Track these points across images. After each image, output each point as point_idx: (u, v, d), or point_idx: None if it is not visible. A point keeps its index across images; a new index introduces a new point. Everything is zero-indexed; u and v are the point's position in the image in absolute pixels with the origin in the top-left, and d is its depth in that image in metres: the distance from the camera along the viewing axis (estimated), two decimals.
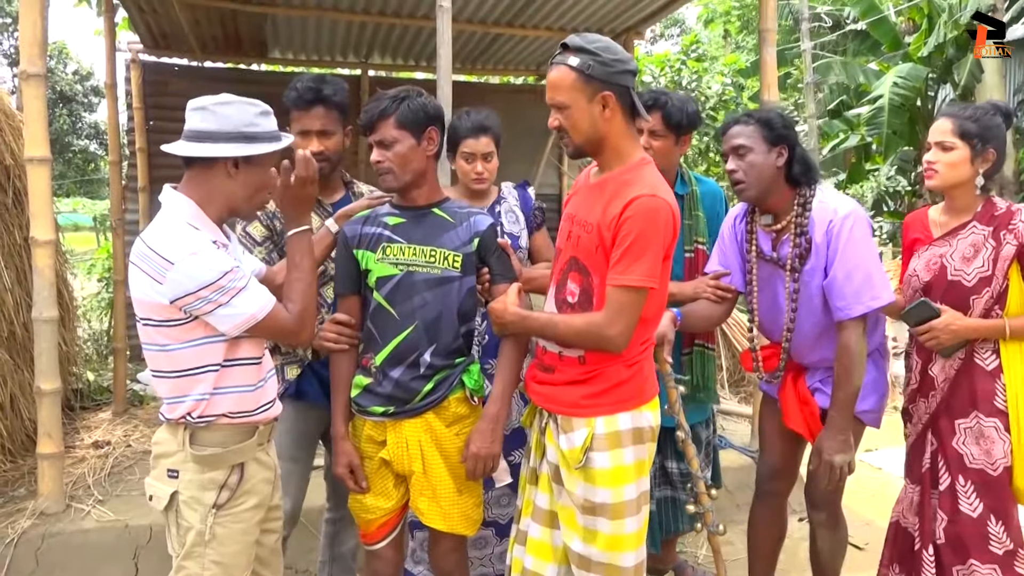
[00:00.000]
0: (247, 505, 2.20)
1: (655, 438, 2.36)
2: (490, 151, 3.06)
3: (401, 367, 2.47)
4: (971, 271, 2.71)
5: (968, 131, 2.71)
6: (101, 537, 3.64)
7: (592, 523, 2.25)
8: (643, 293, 2.16)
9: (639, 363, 2.30)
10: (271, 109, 2.22)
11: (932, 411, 2.80)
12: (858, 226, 2.69)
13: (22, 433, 4.64)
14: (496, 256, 2.60)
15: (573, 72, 2.17)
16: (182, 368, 2.11)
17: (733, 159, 2.78)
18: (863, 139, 13.96)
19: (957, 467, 2.73)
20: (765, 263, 2.90)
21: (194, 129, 2.11)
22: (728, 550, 3.77)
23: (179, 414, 2.13)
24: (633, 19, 6.37)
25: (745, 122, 2.79)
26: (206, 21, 6.20)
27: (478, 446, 2.47)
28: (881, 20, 13.93)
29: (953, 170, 2.74)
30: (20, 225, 4.67)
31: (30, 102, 3.64)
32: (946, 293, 2.76)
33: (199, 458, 2.13)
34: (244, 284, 2.07)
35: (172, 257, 2.00)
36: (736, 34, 22.69)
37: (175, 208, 2.12)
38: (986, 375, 2.72)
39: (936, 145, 2.77)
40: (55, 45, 30.57)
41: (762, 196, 2.79)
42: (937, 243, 2.82)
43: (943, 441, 2.78)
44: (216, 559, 2.15)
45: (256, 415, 2.22)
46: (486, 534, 3.26)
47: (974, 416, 2.72)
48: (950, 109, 2.81)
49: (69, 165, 32.28)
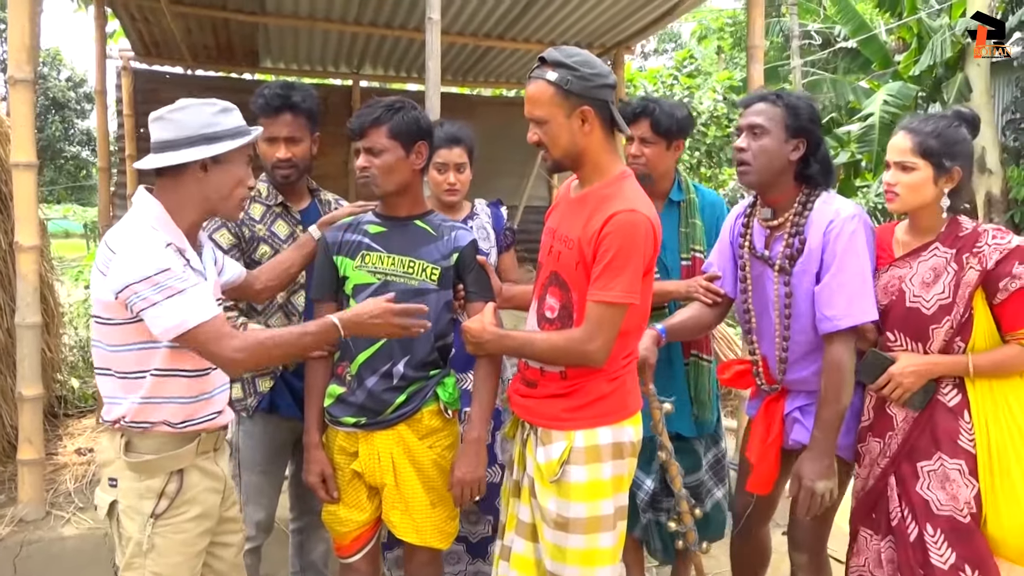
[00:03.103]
0: (188, 515, 2.12)
1: (636, 453, 2.34)
2: (463, 162, 3.06)
3: (375, 376, 2.46)
4: (930, 297, 2.42)
5: (930, 149, 2.41)
6: (80, 544, 3.63)
7: (562, 539, 2.23)
8: (623, 309, 2.15)
9: (621, 377, 2.29)
10: (232, 105, 2.18)
11: (893, 455, 2.50)
12: (860, 232, 2.47)
13: (3, 439, 4.62)
14: (474, 273, 2.57)
15: (551, 87, 2.15)
16: (122, 369, 2.08)
17: (746, 136, 2.56)
18: (853, 156, 14.03)
19: (924, 515, 2.41)
20: (756, 260, 2.70)
21: (156, 140, 2.09)
22: (711, 563, 3.76)
23: (115, 416, 2.09)
24: (624, 34, 6.42)
25: (772, 102, 2.55)
26: (198, 30, 6.21)
27: (463, 471, 2.45)
28: (871, 38, 14.05)
29: (914, 192, 2.44)
30: (5, 230, 4.66)
31: (17, 107, 3.65)
32: (904, 321, 2.47)
33: (134, 465, 2.08)
34: (183, 287, 1.96)
35: (117, 248, 1.99)
36: (729, 50, 22.80)
37: (140, 209, 2.10)
38: (948, 413, 2.43)
39: (895, 165, 2.48)
40: (48, 52, 30.54)
41: (763, 186, 2.60)
42: (897, 264, 2.53)
43: (906, 487, 2.46)
44: (156, 570, 2.08)
45: (195, 424, 2.15)
46: (458, 549, 3.23)
47: (937, 458, 2.41)
48: (909, 123, 2.49)
49: (61, 172, 32.20)
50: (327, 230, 2.61)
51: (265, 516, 2.87)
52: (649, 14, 5.95)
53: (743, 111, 2.63)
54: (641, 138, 3.05)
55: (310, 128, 2.84)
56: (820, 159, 2.56)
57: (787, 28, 14.67)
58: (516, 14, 5.85)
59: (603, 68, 2.20)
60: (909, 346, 2.48)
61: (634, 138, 3.05)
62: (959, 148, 2.44)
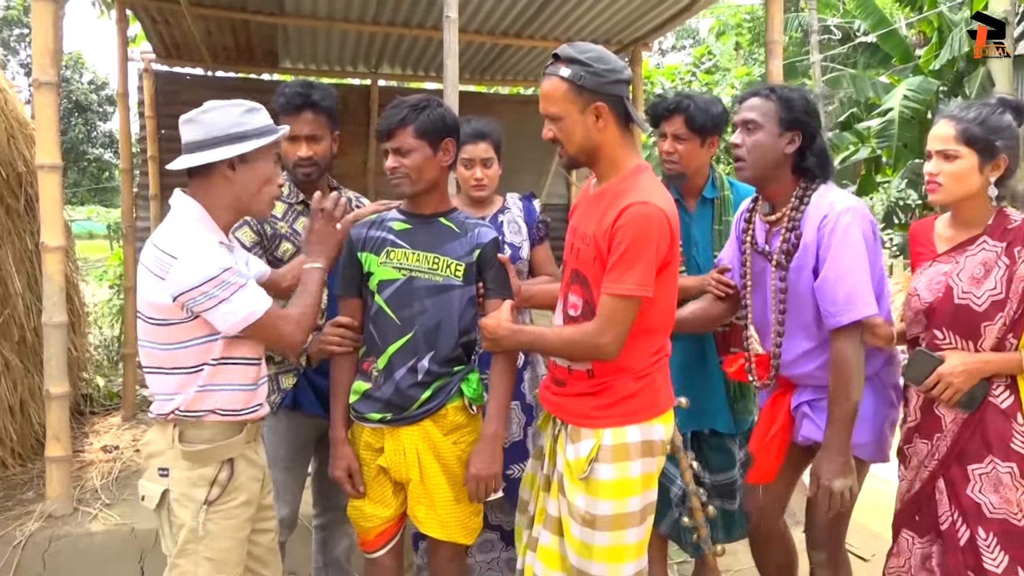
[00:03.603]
0: (237, 501, 2.22)
1: (666, 451, 2.35)
2: (489, 157, 3.06)
3: (401, 371, 2.48)
4: (981, 293, 2.33)
5: (974, 136, 2.33)
6: (107, 540, 3.67)
7: (589, 536, 2.23)
8: (635, 302, 2.15)
9: (650, 375, 2.28)
10: (260, 105, 2.25)
11: (942, 457, 2.41)
12: (855, 224, 2.41)
13: (31, 437, 4.69)
14: (493, 271, 2.58)
15: (565, 83, 2.16)
16: (178, 366, 2.15)
17: (741, 132, 2.55)
18: (873, 151, 13.96)
19: (975, 518, 2.34)
20: (757, 256, 2.68)
21: (187, 141, 2.17)
22: (732, 560, 3.75)
23: (169, 409, 2.16)
24: (641, 30, 6.41)
25: (766, 96, 2.54)
26: (218, 31, 6.27)
27: (478, 467, 2.47)
28: (891, 33, 13.95)
29: (959, 182, 2.36)
30: (31, 231, 4.73)
31: (41, 110, 3.70)
32: (953, 319, 2.38)
33: (188, 454, 2.16)
34: (244, 282, 2.11)
35: (176, 252, 2.06)
36: (747, 46, 22.70)
37: (183, 209, 2.18)
38: (1000, 415, 2.33)
39: (937, 154, 2.39)
40: (71, 55, 30.88)
41: (760, 181, 2.58)
42: (941, 259, 2.45)
43: (956, 490, 2.38)
44: (209, 555, 2.17)
45: (244, 414, 2.25)
46: (492, 537, 3.26)
47: (989, 461, 2.33)
48: (951, 110, 2.43)
49: (84, 174, 32.56)
50: (351, 227, 2.63)
51: (288, 512, 2.90)
52: (667, 10, 5.94)
53: (738, 108, 2.61)
54: (675, 135, 3.02)
55: (331, 127, 2.86)
56: (816, 151, 2.53)
57: (806, 23, 14.59)
58: (533, 12, 5.86)
59: (617, 63, 2.21)
60: (959, 344, 2.40)
61: (667, 135, 3.03)
62: (1005, 134, 2.35)
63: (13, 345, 4.51)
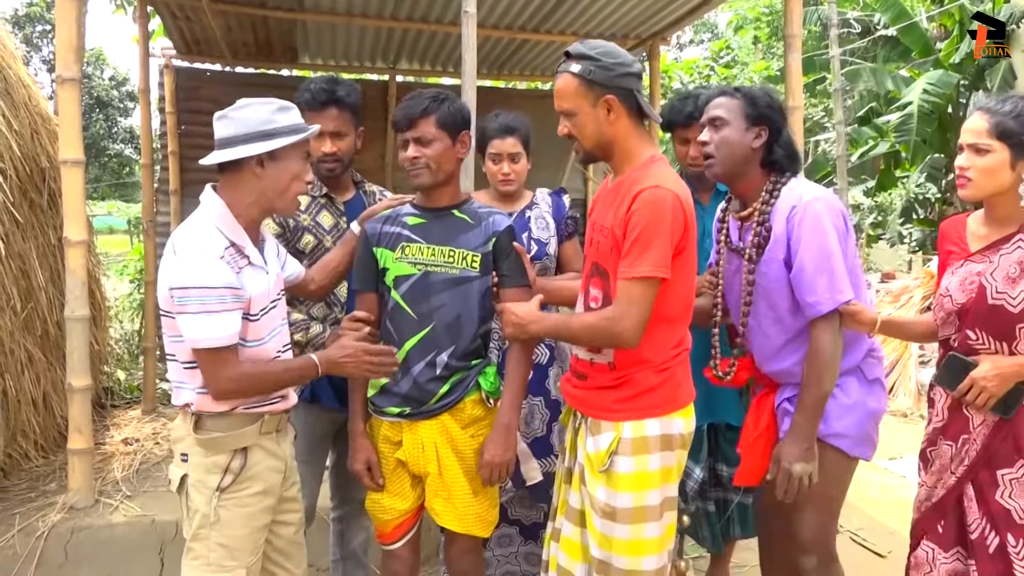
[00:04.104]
0: (252, 490, 2.24)
1: (686, 445, 2.35)
2: (517, 152, 3.07)
3: (420, 365, 2.50)
4: (1016, 294, 2.26)
5: (1008, 130, 2.26)
6: (128, 532, 3.72)
7: (609, 528, 2.26)
8: (654, 284, 2.15)
9: (670, 368, 2.29)
10: (291, 104, 2.28)
11: (971, 462, 2.35)
12: (825, 213, 2.40)
13: (54, 429, 4.75)
14: (509, 259, 2.59)
15: (575, 79, 2.21)
16: (183, 359, 2.20)
17: (709, 130, 2.56)
18: (892, 146, 13.85)
19: (1005, 525, 2.27)
20: (731, 253, 2.69)
21: (219, 137, 2.20)
22: (745, 556, 3.75)
23: (182, 401, 2.22)
24: (659, 25, 6.38)
25: (730, 95, 2.56)
26: (238, 27, 6.30)
27: (492, 454, 2.50)
28: (912, 26, 13.83)
29: (990, 177, 2.30)
30: (54, 226, 4.78)
31: (65, 105, 3.74)
32: (986, 320, 2.32)
33: (202, 441, 2.20)
34: (218, 309, 2.08)
35: (179, 249, 2.11)
36: (766, 40, 22.57)
37: (206, 208, 2.22)
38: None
39: (968, 148, 2.34)
40: (92, 52, 31.12)
41: (730, 177, 2.59)
42: (974, 258, 2.38)
43: (984, 495, 2.32)
44: (221, 541, 2.20)
45: (262, 407, 2.27)
46: (511, 532, 3.28)
47: (1020, 465, 2.28)
48: (985, 103, 2.36)
49: (105, 169, 32.83)
50: (366, 223, 2.65)
51: (307, 505, 2.92)
52: (684, 4, 5.91)
53: (705, 108, 2.63)
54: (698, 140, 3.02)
55: (354, 123, 2.89)
56: (783, 144, 2.54)
57: (825, 16, 14.46)
58: (551, 7, 5.85)
59: (626, 57, 2.25)
60: (992, 346, 2.34)
61: (689, 140, 3.05)
62: None
63: (36, 339, 4.56)
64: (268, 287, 2.27)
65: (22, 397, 4.39)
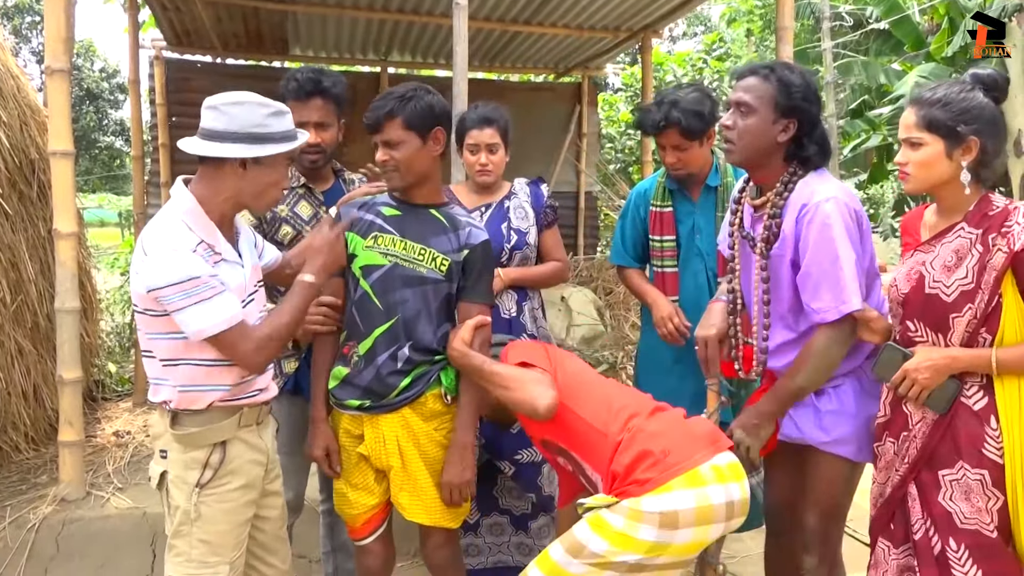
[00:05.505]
0: (232, 485, 2.21)
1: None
2: (495, 142, 3.07)
3: (383, 356, 2.48)
4: (951, 282, 2.17)
5: (936, 121, 2.18)
6: (120, 524, 3.71)
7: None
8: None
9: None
10: (286, 108, 2.23)
11: (912, 461, 2.26)
12: (835, 215, 2.29)
13: (45, 422, 4.73)
14: (476, 274, 2.56)
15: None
16: (161, 356, 2.16)
17: (734, 114, 2.42)
18: (884, 139, 13.88)
19: (947, 528, 2.17)
20: (744, 240, 2.58)
21: (206, 128, 2.14)
22: (740, 547, 3.76)
23: (160, 398, 2.18)
24: (651, 17, 6.38)
25: (764, 76, 2.40)
26: (228, 18, 6.27)
27: (450, 475, 2.48)
28: (903, 19, 13.84)
29: (928, 170, 2.21)
30: (44, 218, 4.75)
31: (54, 97, 3.72)
32: (923, 309, 2.24)
33: (179, 437, 2.17)
34: (211, 294, 2.05)
35: (149, 249, 2.06)
36: (759, 33, 22.54)
37: (175, 203, 2.16)
38: (972, 417, 2.16)
39: (904, 142, 2.26)
40: (82, 43, 30.89)
41: (750, 165, 2.49)
42: (922, 248, 2.30)
43: (927, 497, 2.22)
44: (203, 537, 2.18)
45: (239, 400, 2.24)
46: (502, 521, 3.28)
47: (959, 467, 2.16)
48: (917, 94, 2.26)
49: (95, 161, 32.62)
50: (341, 207, 2.62)
51: (293, 496, 2.91)
52: None
53: (735, 84, 2.49)
54: (674, 146, 3.01)
55: (338, 114, 2.88)
56: (817, 139, 2.42)
57: (818, 9, 14.45)
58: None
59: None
60: (930, 337, 2.26)
61: (666, 147, 3.03)
62: (973, 115, 2.17)
63: (26, 331, 4.54)
64: (244, 281, 2.23)
65: (12, 389, 4.38)
